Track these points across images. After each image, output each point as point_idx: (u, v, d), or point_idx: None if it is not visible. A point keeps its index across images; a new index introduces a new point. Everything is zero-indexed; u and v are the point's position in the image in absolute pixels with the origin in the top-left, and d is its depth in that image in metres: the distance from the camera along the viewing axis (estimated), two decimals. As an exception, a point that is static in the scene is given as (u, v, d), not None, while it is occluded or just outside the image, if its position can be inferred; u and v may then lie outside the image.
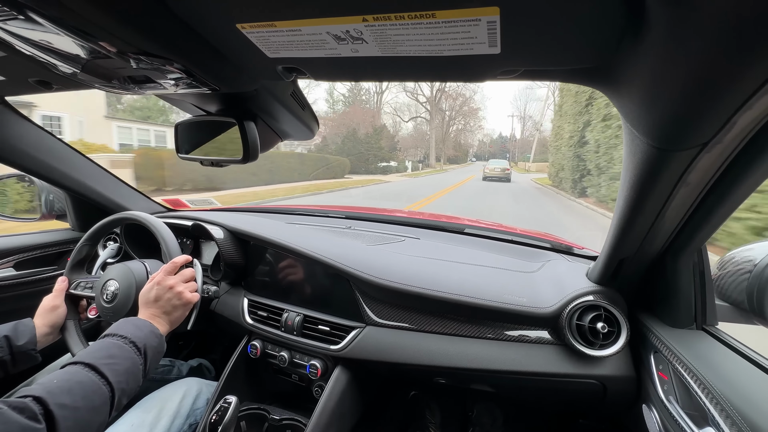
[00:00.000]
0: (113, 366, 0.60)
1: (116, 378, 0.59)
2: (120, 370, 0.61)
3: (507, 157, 56.00)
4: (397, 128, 46.19)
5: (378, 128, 29.09)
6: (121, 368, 0.61)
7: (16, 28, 0.41)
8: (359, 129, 27.35)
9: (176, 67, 0.50)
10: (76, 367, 0.58)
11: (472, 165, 55.00)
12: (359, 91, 41.04)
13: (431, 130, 42.12)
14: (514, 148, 61.63)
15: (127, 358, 0.63)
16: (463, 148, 61.56)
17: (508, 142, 68.13)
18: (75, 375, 0.57)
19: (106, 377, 0.58)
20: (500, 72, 0.45)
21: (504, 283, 0.91)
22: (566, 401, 1.01)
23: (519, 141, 61.75)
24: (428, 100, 42.01)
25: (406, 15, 0.35)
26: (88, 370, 0.58)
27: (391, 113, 46.86)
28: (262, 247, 1.12)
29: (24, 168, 1.05)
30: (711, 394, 0.53)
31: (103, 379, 0.58)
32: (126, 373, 0.62)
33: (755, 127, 0.40)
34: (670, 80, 0.35)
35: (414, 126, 47.68)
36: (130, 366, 0.63)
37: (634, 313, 0.79)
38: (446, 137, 48.91)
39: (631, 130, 0.46)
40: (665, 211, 0.56)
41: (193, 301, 0.84)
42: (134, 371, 0.64)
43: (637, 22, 0.32)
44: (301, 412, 0.96)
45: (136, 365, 0.64)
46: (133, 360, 0.64)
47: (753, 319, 0.64)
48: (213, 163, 0.80)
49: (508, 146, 65.88)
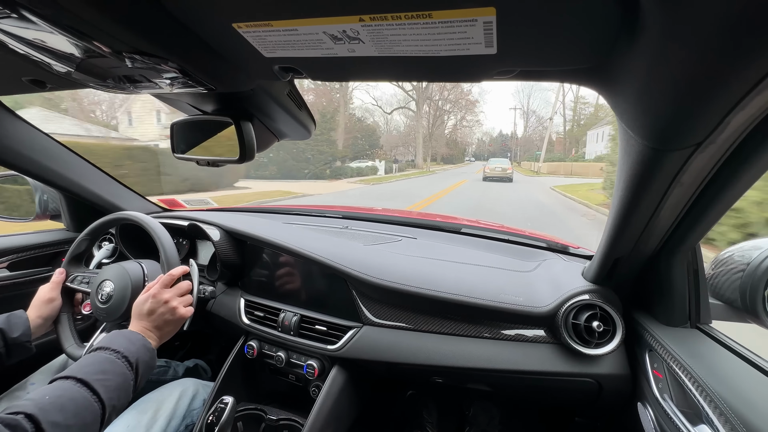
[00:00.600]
0: (105, 382, 0.60)
1: (108, 394, 0.59)
2: (112, 386, 0.60)
3: (509, 156, 53.58)
4: (389, 124, 42.15)
5: (328, 113, 22.16)
6: (112, 384, 0.61)
7: (10, 26, 0.41)
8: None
9: (172, 66, 0.49)
10: (68, 383, 0.57)
11: (469, 165, 51.51)
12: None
13: (417, 122, 36.66)
14: (516, 146, 59.02)
15: (119, 373, 0.63)
16: (460, 146, 58.53)
17: (509, 140, 65.81)
18: (67, 391, 0.56)
19: (97, 393, 0.58)
20: (496, 72, 0.45)
21: (500, 282, 0.91)
22: (562, 399, 1.01)
23: (522, 139, 58.83)
24: (414, 88, 35.13)
25: (402, 15, 0.35)
26: (80, 386, 0.57)
27: (372, 105, 42.72)
28: (258, 247, 1.12)
29: (18, 168, 1.04)
30: (705, 392, 0.54)
31: (95, 395, 0.57)
32: (117, 389, 0.61)
33: (748, 128, 0.40)
34: (665, 81, 0.35)
35: (406, 122, 44.18)
36: (121, 382, 0.62)
37: (629, 312, 0.80)
38: (437, 132, 43.76)
39: (626, 130, 0.46)
40: (660, 211, 0.57)
41: (187, 317, 0.83)
42: (125, 387, 0.63)
43: (632, 23, 0.32)
44: (298, 412, 0.95)
45: (128, 381, 0.64)
46: (124, 375, 0.63)
47: (746, 317, 0.64)
48: (209, 162, 0.79)
49: (510, 145, 63.62)
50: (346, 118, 27.68)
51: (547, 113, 56.00)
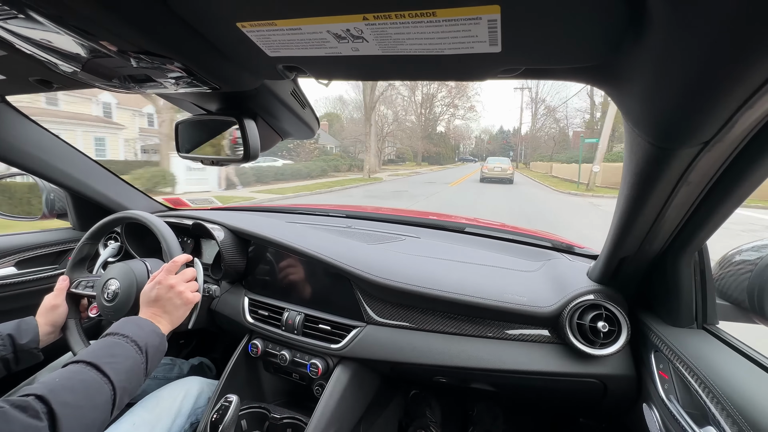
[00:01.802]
0: (115, 365, 0.60)
1: (118, 377, 0.59)
2: (122, 369, 0.61)
3: (510, 155, 47.02)
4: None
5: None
6: (122, 367, 0.61)
7: (17, 27, 0.41)
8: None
9: (177, 66, 0.50)
10: (78, 366, 0.58)
11: (459, 167, 38.58)
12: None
13: (364, 97, 20.65)
14: (520, 144, 47.02)
15: (128, 357, 0.63)
16: (451, 143, 47.32)
17: (511, 136, 56.71)
18: (77, 374, 0.57)
19: (108, 376, 0.58)
20: (501, 70, 0.45)
21: (505, 282, 0.91)
22: (567, 400, 1.01)
23: (528, 136, 46.00)
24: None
25: (406, 14, 0.35)
26: (90, 369, 0.58)
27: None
28: (262, 247, 1.12)
29: (25, 167, 1.05)
30: (712, 393, 0.53)
31: (105, 377, 0.58)
32: (127, 372, 0.62)
33: (756, 126, 0.40)
34: (672, 79, 0.35)
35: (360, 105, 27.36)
36: (131, 365, 0.63)
37: (635, 312, 0.79)
38: (422, 123, 33.03)
39: (633, 128, 0.45)
40: (666, 210, 0.56)
41: (194, 301, 0.84)
42: (136, 370, 0.64)
43: (639, 21, 0.32)
44: (302, 411, 0.96)
45: (138, 364, 0.64)
46: (134, 359, 0.64)
47: (754, 318, 0.63)
48: (213, 162, 0.80)
49: (512, 142, 54.04)
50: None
51: (559, 100, 44.90)
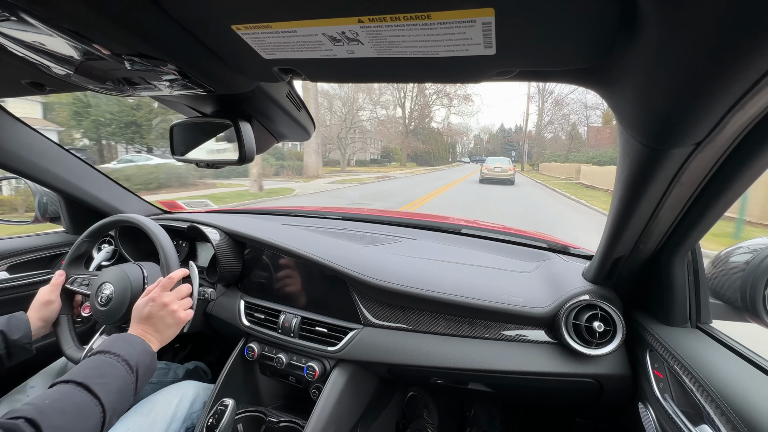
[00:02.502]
0: (105, 385, 0.60)
1: (108, 398, 0.59)
2: (112, 389, 0.60)
3: (512, 155, 42.55)
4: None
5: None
6: (113, 387, 0.60)
7: (8, 29, 0.41)
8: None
9: (171, 68, 0.49)
10: (69, 387, 0.57)
11: (453, 169, 34.61)
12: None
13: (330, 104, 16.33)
14: (524, 142, 40.01)
15: (119, 376, 0.63)
16: (446, 141, 41.82)
17: (513, 135, 52.15)
18: (67, 395, 0.56)
19: (98, 397, 0.57)
20: (496, 73, 0.45)
21: (500, 283, 0.91)
22: (563, 400, 1.01)
23: (534, 133, 39.81)
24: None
25: (401, 16, 0.35)
26: (80, 390, 0.57)
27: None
28: (258, 249, 1.11)
29: (17, 171, 1.03)
30: (706, 392, 0.54)
31: (96, 398, 0.57)
32: (118, 393, 0.61)
33: (747, 127, 0.40)
34: (664, 81, 0.35)
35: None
36: (122, 385, 0.62)
37: (630, 312, 0.80)
38: (405, 116, 28.41)
39: (625, 130, 0.46)
40: (659, 211, 0.57)
41: (186, 320, 0.83)
42: (126, 390, 0.63)
43: (631, 24, 0.32)
44: (299, 414, 0.95)
45: (128, 384, 0.64)
46: (125, 379, 0.63)
47: (746, 316, 0.64)
48: (209, 164, 0.79)
49: (514, 140, 50.05)
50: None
51: (570, 89, 33.81)
